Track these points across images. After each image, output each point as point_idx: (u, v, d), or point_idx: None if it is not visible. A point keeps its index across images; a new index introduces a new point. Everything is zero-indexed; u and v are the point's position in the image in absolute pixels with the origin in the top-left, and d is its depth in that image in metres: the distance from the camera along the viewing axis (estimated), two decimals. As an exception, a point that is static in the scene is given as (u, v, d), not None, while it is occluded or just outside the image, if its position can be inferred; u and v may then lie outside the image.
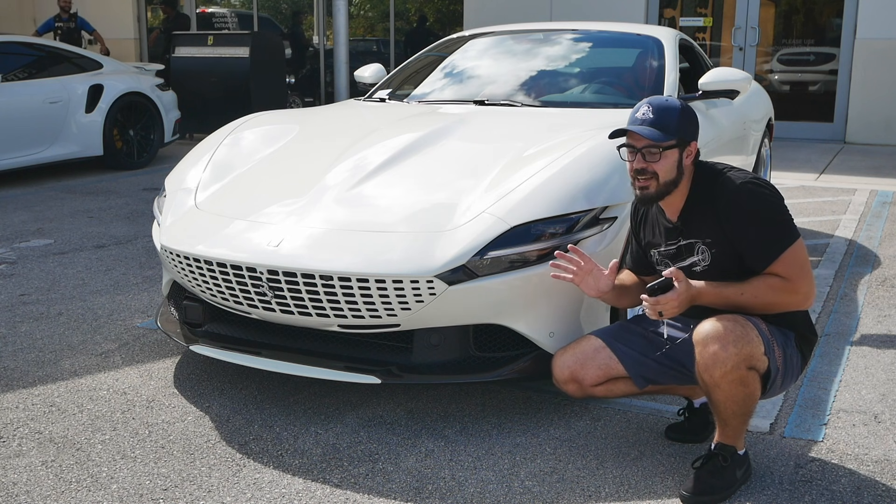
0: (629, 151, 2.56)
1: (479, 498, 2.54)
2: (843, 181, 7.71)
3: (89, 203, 6.93)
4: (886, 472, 2.67)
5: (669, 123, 2.50)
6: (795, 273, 2.45)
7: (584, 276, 2.66)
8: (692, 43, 5.49)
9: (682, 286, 2.45)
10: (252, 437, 2.91)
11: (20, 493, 2.57)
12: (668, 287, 2.45)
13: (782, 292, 2.46)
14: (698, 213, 2.56)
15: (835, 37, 10.37)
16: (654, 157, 2.50)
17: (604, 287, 2.67)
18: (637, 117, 2.54)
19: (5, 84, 7.64)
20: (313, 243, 2.95)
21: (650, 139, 2.49)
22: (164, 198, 3.59)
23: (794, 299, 2.48)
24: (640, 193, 2.57)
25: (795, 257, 2.45)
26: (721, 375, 2.40)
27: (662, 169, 2.51)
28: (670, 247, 2.64)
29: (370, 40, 13.89)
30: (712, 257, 2.54)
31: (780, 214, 2.48)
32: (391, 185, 3.25)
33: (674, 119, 2.51)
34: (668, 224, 2.64)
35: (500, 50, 4.99)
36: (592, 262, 2.66)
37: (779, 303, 2.48)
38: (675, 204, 2.60)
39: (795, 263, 2.45)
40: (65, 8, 11.36)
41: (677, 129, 2.51)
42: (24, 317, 4.14)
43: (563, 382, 2.75)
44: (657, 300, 2.45)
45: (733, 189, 2.49)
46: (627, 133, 2.55)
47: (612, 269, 2.66)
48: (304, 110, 4.69)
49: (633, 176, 2.56)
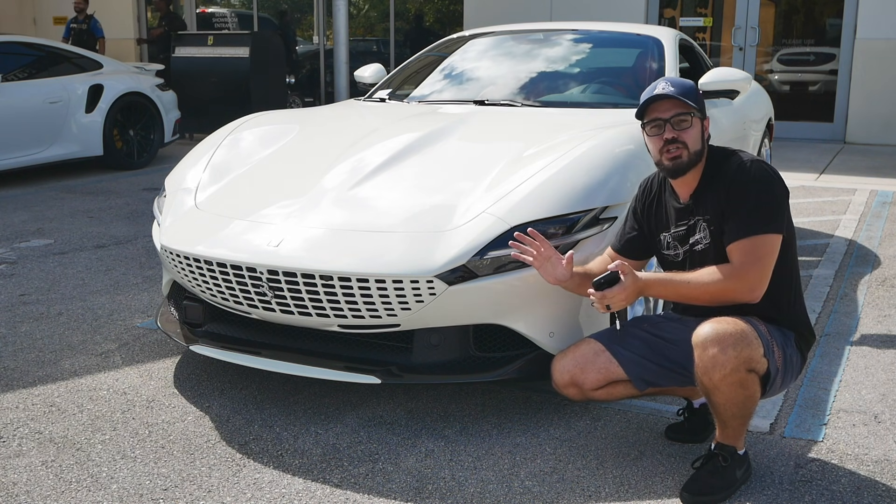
0: (655, 126, 2.58)
1: (479, 498, 2.54)
2: (843, 181, 7.71)
3: (89, 203, 6.93)
4: (886, 472, 2.67)
5: (690, 93, 2.56)
6: (748, 260, 2.43)
7: (542, 262, 2.65)
8: (692, 43, 5.49)
9: (629, 279, 2.45)
10: (252, 437, 2.91)
11: (20, 493, 2.57)
12: (614, 280, 2.46)
13: (728, 278, 2.44)
14: (709, 192, 2.58)
15: (835, 37, 10.38)
16: (685, 124, 2.54)
17: (560, 276, 2.66)
18: (658, 92, 2.56)
19: (5, 84, 7.64)
20: (313, 243, 2.95)
21: (683, 100, 2.52)
22: (164, 198, 3.59)
23: (739, 286, 2.44)
24: (673, 164, 2.56)
25: (756, 246, 2.44)
26: (720, 378, 2.40)
27: (691, 138, 2.55)
28: (680, 228, 2.64)
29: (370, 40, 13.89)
30: (711, 235, 2.55)
31: (763, 199, 2.47)
32: (391, 186, 3.25)
33: (692, 90, 2.57)
34: (678, 205, 2.65)
35: (500, 50, 4.99)
36: (552, 248, 2.66)
37: (724, 290, 2.46)
38: (689, 183, 2.62)
39: (753, 251, 2.44)
40: (77, 9, 11.37)
41: (696, 99, 2.57)
42: (24, 317, 4.14)
43: (563, 387, 2.75)
44: (604, 294, 2.46)
45: (736, 167, 2.53)
46: (652, 107, 2.57)
47: (568, 260, 2.65)
48: (304, 110, 4.69)
49: (662, 149, 2.57)
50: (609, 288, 2.45)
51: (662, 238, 2.72)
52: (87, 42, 11.04)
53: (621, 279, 2.45)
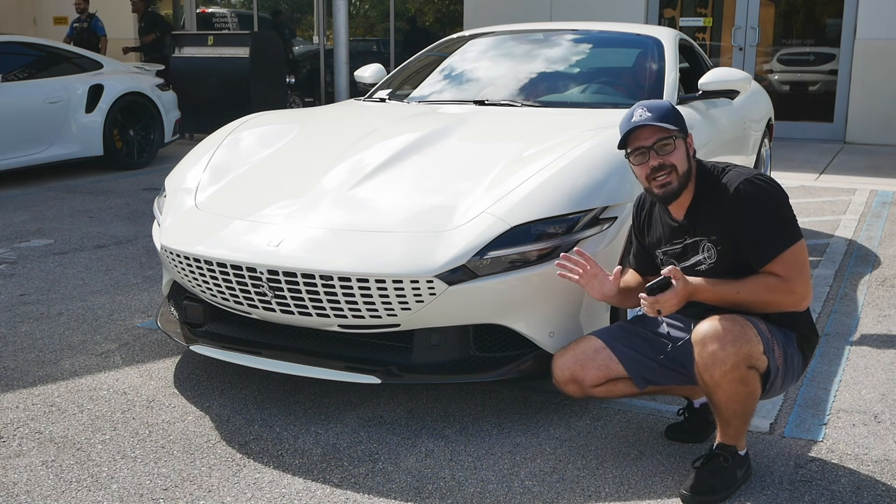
0: (639, 154, 2.56)
1: (479, 498, 2.54)
2: (843, 181, 7.71)
3: (89, 203, 6.93)
4: (886, 472, 2.67)
5: (668, 116, 2.54)
6: (793, 273, 2.45)
7: (589, 279, 2.66)
8: (692, 43, 5.49)
9: (680, 284, 2.46)
10: (252, 437, 2.91)
11: (20, 493, 2.57)
12: (666, 286, 2.45)
13: (778, 292, 2.46)
14: (705, 211, 2.56)
15: (835, 37, 10.37)
16: (668, 148, 2.52)
17: (608, 292, 2.68)
18: (635, 121, 2.54)
19: (5, 84, 7.64)
20: (313, 243, 2.95)
21: (662, 125, 2.50)
22: (164, 198, 3.59)
23: (789, 299, 2.48)
24: (663, 192, 2.56)
25: (795, 258, 2.45)
26: (721, 375, 2.40)
27: (678, 159, 2.53)
28: (675, 246, 2.64)
29: (370, 40, 13.88)
30: (718, 255, 2.54)
31: (782, 213, 2.48)
32: (391, 186, 3.25)
33: (669, 112, 2.55)
34: (673, 223, 2.64)
35: (500, 50, 4.99)
36: (598, 265, 2.67)
37: (774, 302, 2.48)
38: (681, 202, 2.60)
39: (794, 264, 2.45)
40: (78, 9, 11.35)
41: (675, 120, 2.55)
42: (24, 317, 4.14)
43: (564, 383, 2.75)
44: (656, 299, 2.46)
45: (738, 186, 2.50)
46: (633, 137, 2.55)
47: (616, 275, 2.67)
48: (304, 110, 4.69)
49: (650, 176, 2.55)
50: (661, 293, 2.46)
51: (658, 255, 2.73)
52: (89, 41, 11.03)
53: (673, 284, 2.45)
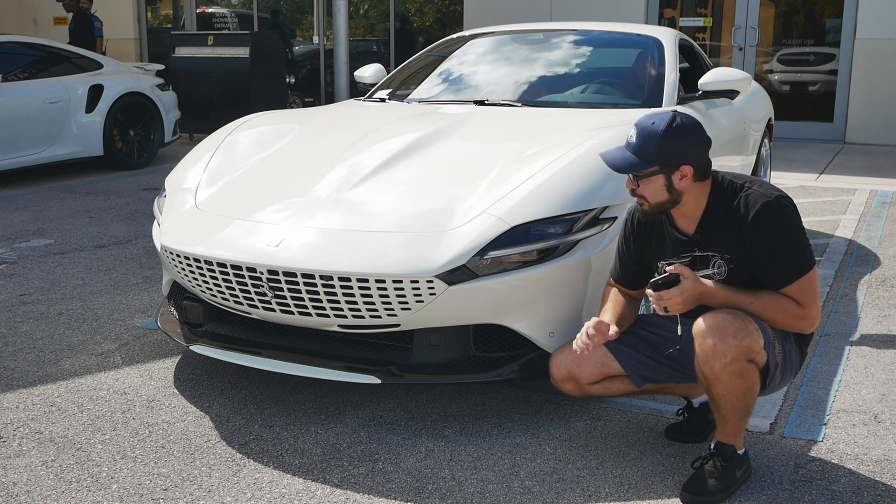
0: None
1: (479, 498, 2.54)
2: (842, 181, 7.71)
3: (89, 203, 6.93)
4: (886, 472, 2.67)
5: (648, 150, 2.45)
6: (807, 300, 2.47)
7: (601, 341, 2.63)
8: (692, 43, 5.49)
9: (689, 283, 2.44)
10: (252, 437, 2.91)
11: (20, 493, 2.57)
12: (673, 282, 2.44)
13: (792, 316, 2.48)
14: (720, 227, 2.53)
15: (835, 37, 10.37)
16: (640, 177, 2.50)
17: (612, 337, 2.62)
18: (626, 140, 2.54)
19: (5, 84, 7.64)
20: (313, 244, 2.95)
21: (623, 171, 2.51)
22: (164, 198, 3.59)
23: (800, 324, 2.51)
24: (641, 212, 2.62)
25: (809, 284, 2.47)
26: (721, 367, 2.40)
27: (648, 192, 2.51)
28: (683, 259, 2.59)
29: (370, 40, 13.88)
30: (729, 272, 2.54)
31: (801, 239, 2.48)
32: (391, 186, 3.25)
33: (653, 145, 2.44)
34: (681, 236, 2.60)
35: (499, 50, 4.99)
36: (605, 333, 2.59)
37: (786, 325, 2.51)
38: (689, 216, 2.57)
39: (808, 290, 2.47)
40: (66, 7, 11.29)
41: (657, 155, 2.45)
42: (24, 317, 4.14)
43: (560, 381, 2.75)
44: (660, 295, 2.44)
45: (760, 208, 2.45)
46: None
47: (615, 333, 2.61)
48: (304, 110, 4.69)
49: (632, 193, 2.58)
50: (667, 290, 2.44)
51: (660, 266, 2.66)
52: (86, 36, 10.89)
53: (680, 281, 2.45)
